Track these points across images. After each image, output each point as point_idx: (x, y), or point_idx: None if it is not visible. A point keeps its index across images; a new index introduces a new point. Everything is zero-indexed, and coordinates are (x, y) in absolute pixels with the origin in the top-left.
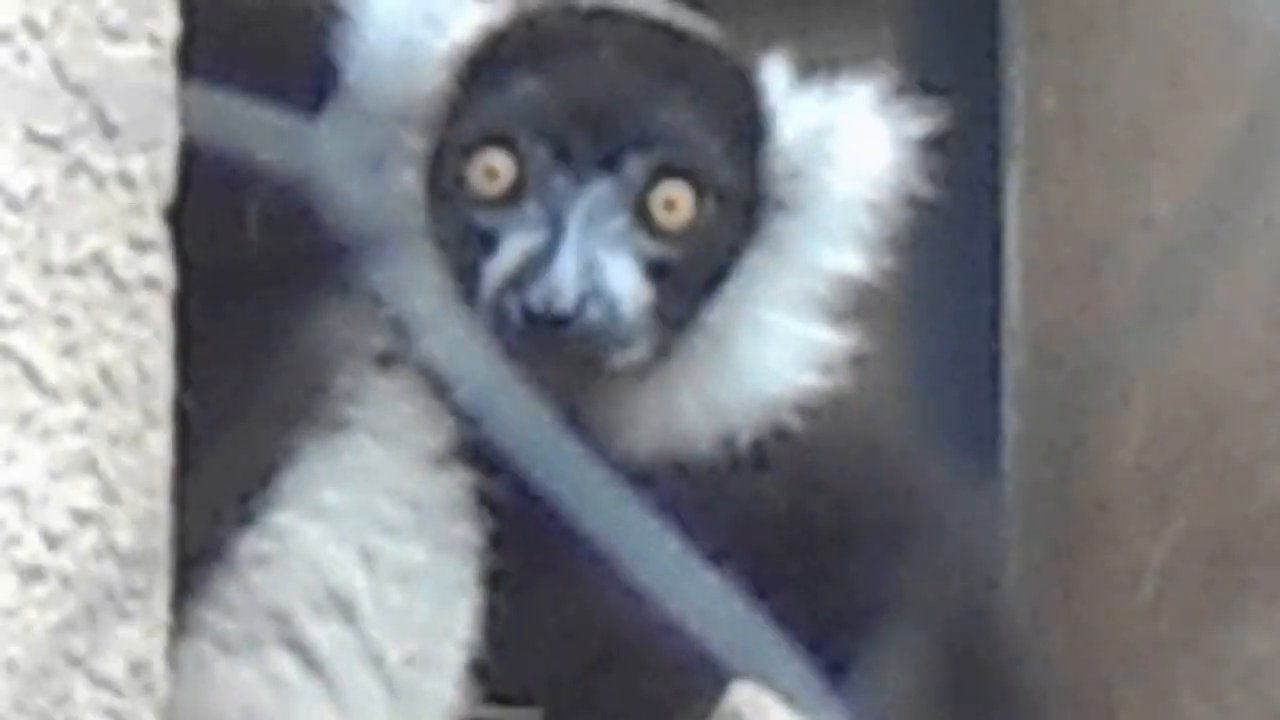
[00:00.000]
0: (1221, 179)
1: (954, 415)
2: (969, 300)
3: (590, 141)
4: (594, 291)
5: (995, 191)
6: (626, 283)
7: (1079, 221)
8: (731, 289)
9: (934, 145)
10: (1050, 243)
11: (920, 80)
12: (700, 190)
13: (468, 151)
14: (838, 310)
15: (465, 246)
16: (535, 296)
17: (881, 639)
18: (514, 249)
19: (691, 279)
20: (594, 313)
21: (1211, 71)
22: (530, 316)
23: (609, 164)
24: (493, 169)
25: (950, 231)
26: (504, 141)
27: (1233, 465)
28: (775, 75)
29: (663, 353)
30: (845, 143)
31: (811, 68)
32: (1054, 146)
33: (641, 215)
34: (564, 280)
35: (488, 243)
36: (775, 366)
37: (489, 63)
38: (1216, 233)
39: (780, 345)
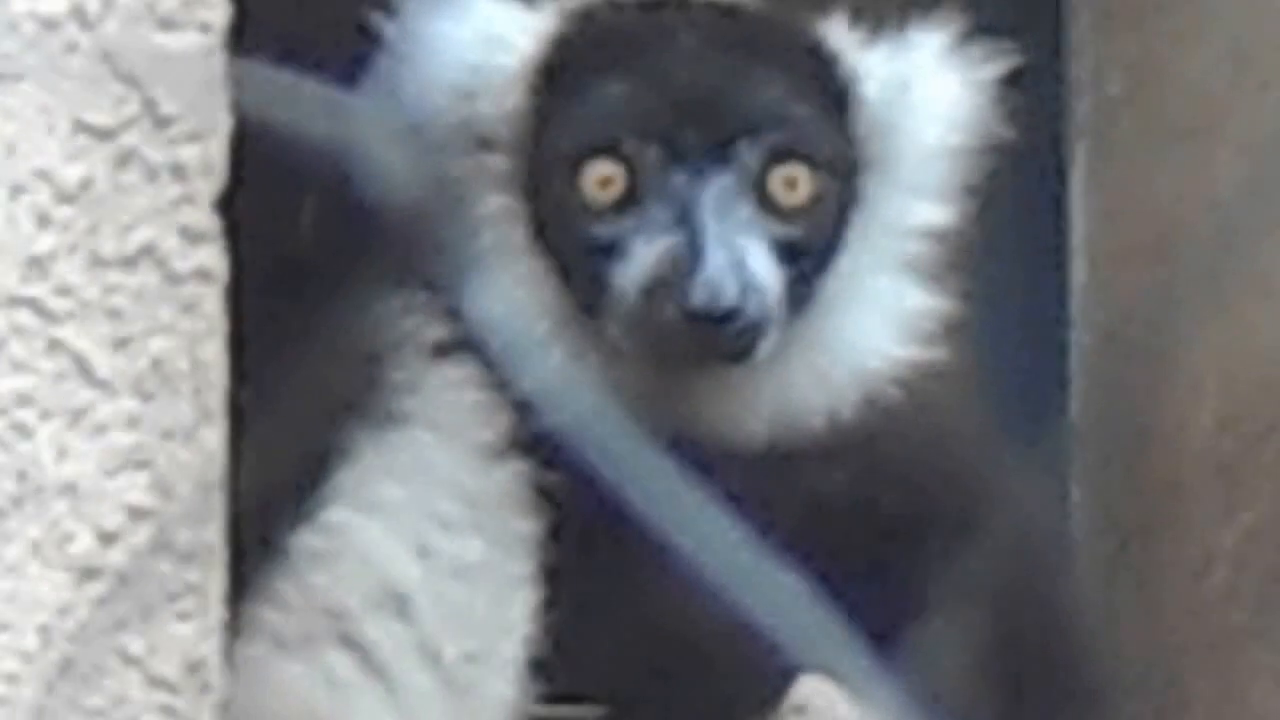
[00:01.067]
0: None
1: (1021, 401)
2: (1036, 284)
3: (699, 135)
4: (747, 282)
5: (1061, 174)
6: (767, 270)
7: (1146, 204)
8: (840, 261)
9: (1001, 116)
10: (1117, 226)
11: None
12: (813, 165)
13: (573, 164)
14: (935, 271)
15: (585, 259)
16: (696, 297)
17: (947, 626)
18: (649, 253)
19: (814, 255)
20: (752, 304)
21: (1277, 51)
22: (691, 316)
23: (721, 154)
24: (603, 178)
25: (1015, 215)
26: (610, 149)
27: None
28: (843, 36)
29: (782, 334)
30: (924, 94)
31: (877, 23)
32: (1120, 129)
33: (762, 200)
34: (722, 276)
35: (611, 252)
36: (881, 337)
37: (566, 72)
38: None
39: (885, 313)
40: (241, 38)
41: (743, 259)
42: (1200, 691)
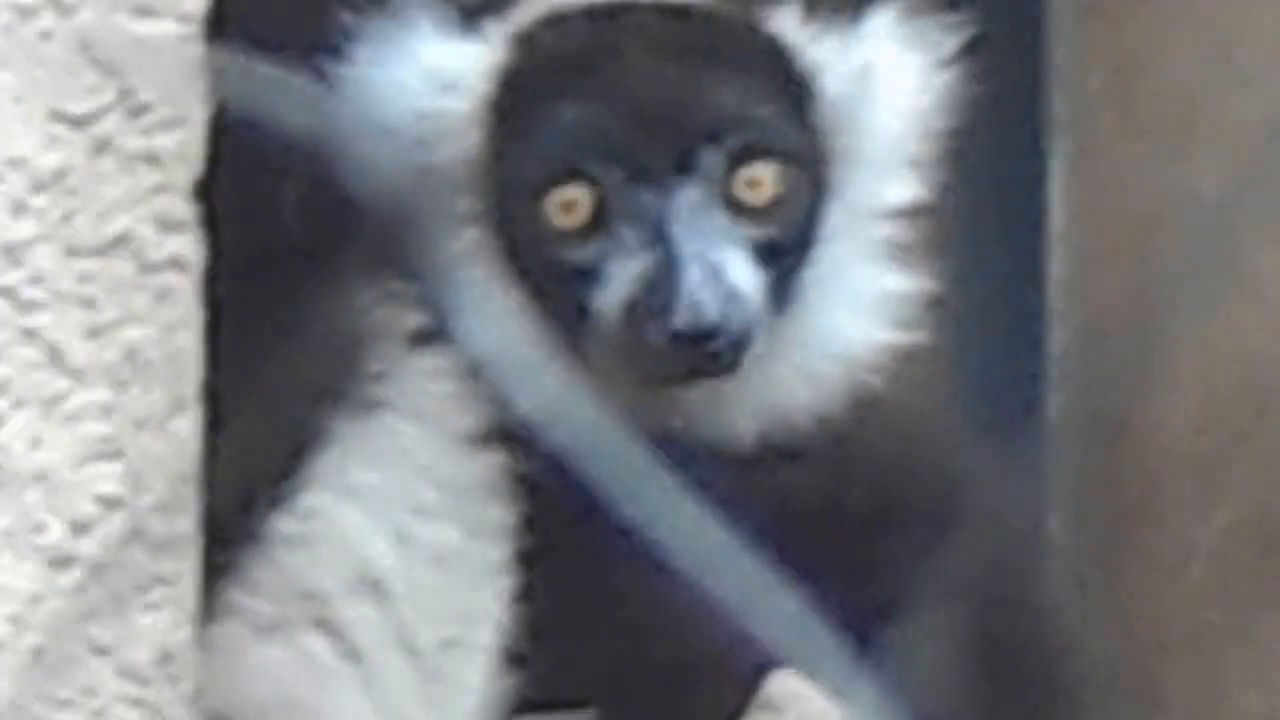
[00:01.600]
0: (1269, 155)
1: (998, 398)
2: (1013, 280)
3: (659, 148)
4: (727, 295)
5: (1040, 170)
6: (746, 276)
7: (1126, 200)
8: (818, 254)
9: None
10: (1096, 221)
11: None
12: (778, 162)
13: (536, 194)
14: (912, 254)
15: (560, 286)
16: (678, 317)
17: (921, 624)
18: (625, 276)
19: (791, 252)
20: (735, 316)
21: (1260, 47)
22: (676, 337)
23: (685, 163)
24: (568, 204)
25: (994, 210)
26: (572, 175)
27: None
28: (797, 27)
29: (767, 335)
30: (884, 79)
31: (832, 10)
32: (1100, 124)
33: (731, 204)
34: (702, 294)
35: (585, 276)
36: (865, 326)
37: (519, 102)
38: (1265, 210)
39: (867, 302)
40: (222, 26)
41: (720, 270)
42: (1178, 690)
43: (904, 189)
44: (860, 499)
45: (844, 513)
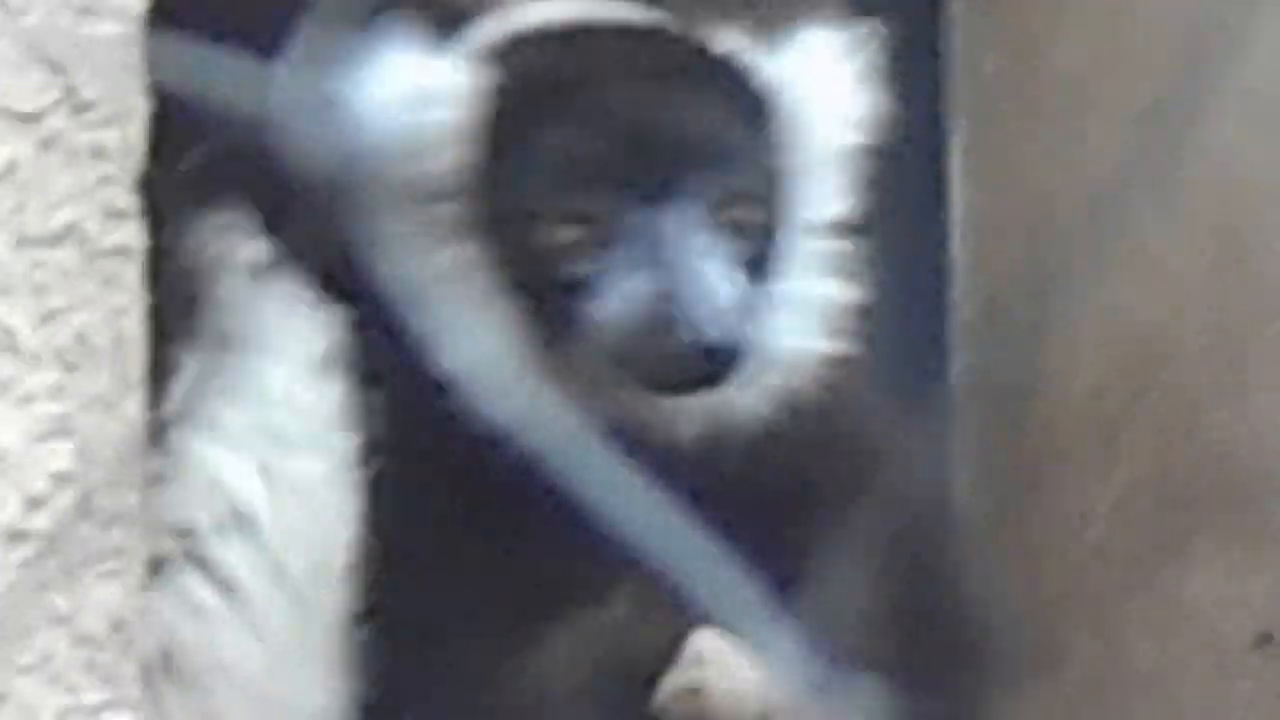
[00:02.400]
0: (1157, 135)
1: (904, 368)
2: (917, 256)
3: (653, 174)
4: (729, 311)
5: (940, 151)
6: (741, 293)
7: (1023, 180)
8: (769, 266)
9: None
10: (995, 199)
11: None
12: (758, 182)
13: (533, 215)
14: (842, 261)
15: (553, 299)
16: (696, 334)
17: (835, 584)
18: (628, 295)
19: (766, 268)
20: (737, 330)
21: (1147, 32)
22: (686, 352)
23: (677, 187)
24: (565, 224)
25: (897, 190)
26: (570, 200)
27: (1178, 409)
28: (748, 44)
29: None
30: (827, 96)
31: (768, 23)
32: (997, 107)
33: (721, 224)
34: (716, 312)
35: (581, 292)
36: (806, 337)
37: (506, 120)
38: (1154, 186)
39: (808, 313)
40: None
41: (718, 287)
42: (1078, 644)
43: (840, 203)
44: (779, 472)
45: (763, 485)
